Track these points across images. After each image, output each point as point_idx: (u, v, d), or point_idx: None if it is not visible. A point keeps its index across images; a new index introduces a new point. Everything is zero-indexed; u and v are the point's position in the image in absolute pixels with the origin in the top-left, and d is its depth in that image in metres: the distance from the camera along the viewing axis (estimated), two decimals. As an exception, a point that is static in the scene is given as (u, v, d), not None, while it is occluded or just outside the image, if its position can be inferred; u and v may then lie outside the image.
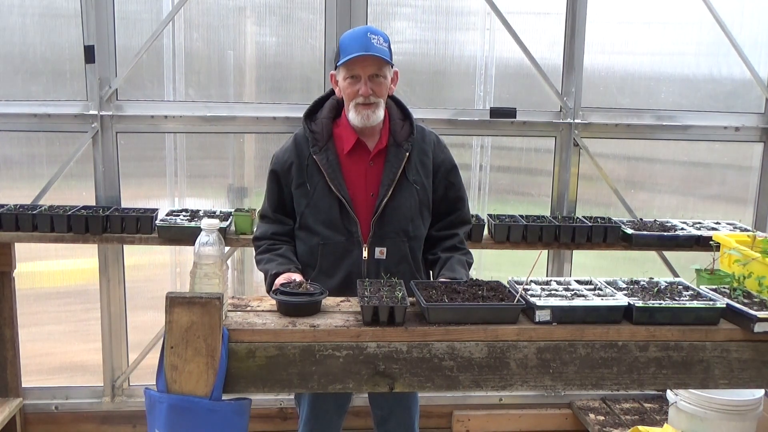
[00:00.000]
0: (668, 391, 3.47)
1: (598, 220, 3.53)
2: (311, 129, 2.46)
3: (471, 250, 2.64)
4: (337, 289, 2.29)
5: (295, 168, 2.45)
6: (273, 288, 2.19)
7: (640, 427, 3.39)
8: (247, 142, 3.69)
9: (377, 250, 2.44)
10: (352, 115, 2.40)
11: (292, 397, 3.62)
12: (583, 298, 2.06)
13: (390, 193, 2.42)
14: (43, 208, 3.31)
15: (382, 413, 2.70)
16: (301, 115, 3.56)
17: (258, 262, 2.51)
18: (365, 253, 2.44)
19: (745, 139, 3.89)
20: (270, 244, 2.49)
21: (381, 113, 2.40)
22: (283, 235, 2.51)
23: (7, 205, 3.34)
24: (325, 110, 2.50)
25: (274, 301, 2.06)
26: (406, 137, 2.46)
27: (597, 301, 2.03)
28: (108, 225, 3.24)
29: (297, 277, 2.31)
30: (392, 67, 2.43)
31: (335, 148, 2.45)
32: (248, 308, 2.06)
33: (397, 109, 2.54)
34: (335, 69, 2.43)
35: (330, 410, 2.64)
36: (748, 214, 4.01)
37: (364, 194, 2.45)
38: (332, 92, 2.54)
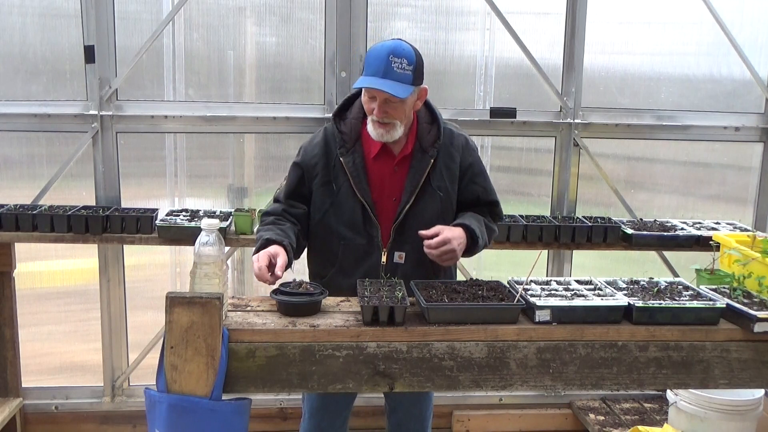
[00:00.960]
0: (668, 391, 3.47)
1: (598, 220, 3.53)
2: (340, 129, 2.43)
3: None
4: (354, 287, 2.22)
5: (321, 166, 2.43)
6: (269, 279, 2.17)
7: (640, 427, 3.39)
8: (247, 142, 3.69)
9: (396, 254, 2.44)
10: (370, 128, 2.38)
11: (292, 397, 3.63)
12: (583, 298, 2.07)
13: (412, 199, 2.40)
14: (43, 208, 3.31)
15: (392, 403, 2.71)
16: (301, 115, 3.60)
17: (257, 233, 2.44)
18: (384, 258, 2.43)
19: (745, 139, 3.89)
20: (277, 218, 2.44)
21: (398, 132, 2.37)
22: (293, 216, 2.47)
23: (7, 205, 3.34)
24: (355, 110, 2.46)
25: (274, 301, 2.06)
26: (432, 143, 2.43)
27: (597, 301, 2.03)
28: (108, 225, 3.24)
29: (281, 256, 2.21)
30: (417, 86, 2.36)
31: (362, 150, 2.42)
32: (248, 308, 2.06)
33: (426, 113, 2.50)
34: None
35: (341, 401, 2.64)
36: (748, 214, 4.01)
37: (387, 199, 2.43)
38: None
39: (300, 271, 2.75)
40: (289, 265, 2.24)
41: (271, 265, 2.18)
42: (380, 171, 2.43)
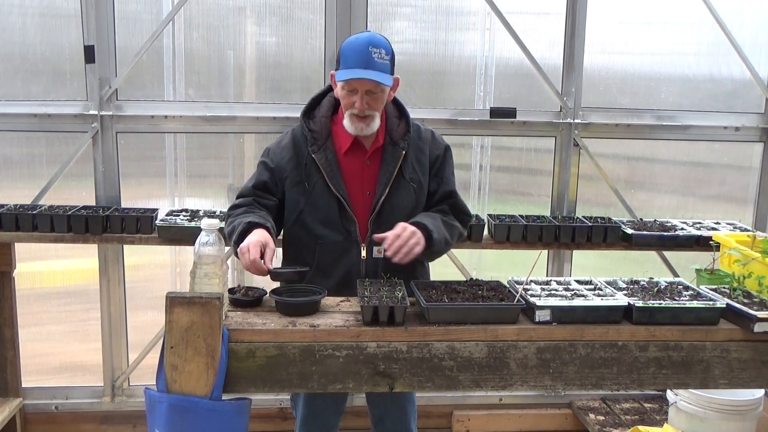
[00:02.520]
0: (668, 391, 3.47)
1: (598, 220, 3.53)
2: (310, 128, 2.45)
3: (471, 250, 2.63)
4: (335, 288, 2.26)
5: (292, 166, 2.44)
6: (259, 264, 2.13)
7: (640, 427, 3.39)
8: (247, 142, 3.69)
9: (375, 249, 2.42)
10: (347, 123, 2.39)
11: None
12: (583, 298, 2.07)
13: (387, 191, 2.41)
14: (43, 208, 3.31)
15: (379, 413, 2.71)
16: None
17: (228, 224, 2.37)
18: (363, 253, 2.43)
19: (745, 139, 3.89)
20: (249, 208, 2.40)
21: (376, 124, 2.39)
22: (263, 207, 2.42)
23: (7, 205, 3.34)
24: (324, 108, 2.48)
25: (273, 302, 2.06)
26: (402, 135, 2.46)
27: (597, 301, 2.03)
28: (108, 225, 3.24)
29: (270, 247, 2.17)
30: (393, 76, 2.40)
31: (334, 147, 2.44)
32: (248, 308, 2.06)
33: (394, 108, 2.53)
34: (334, 71, 2.41)
35: (328, 410, 2.64)
36: (748, 214, 4.01)
37: (360, 193, 2.44)
38: (330, 88, 2.52)
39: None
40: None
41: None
42: (353, 166, 2.44)
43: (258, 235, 2.19)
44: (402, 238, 2.24)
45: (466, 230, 2.63)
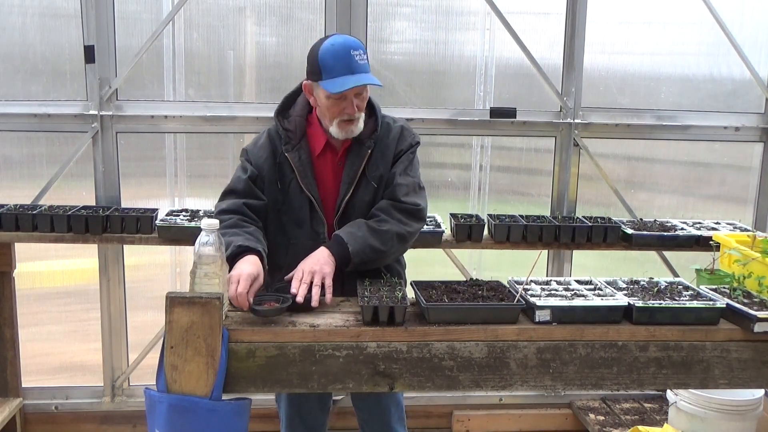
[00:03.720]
0: (668, 391, 3.47)
1: (598, 220, 3.53)
2: (284, 127, 2.41)
3: (471, 250, 2.61)
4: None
5: (268, 165, 2.41)
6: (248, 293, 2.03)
7: (640, 427, 3.39)
8: (247, 142, 3.67)
9: None
10: (335, 130, 2.34)
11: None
12: (583, 298, 2.07)
13: (350, 191, 2.39)
14: (43, 208, 3.31)
15: (363, 415, 2.71)
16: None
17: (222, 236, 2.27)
18: None
19: (745, 139, 3.89)
20: (240, 219, 2.33)
21: (361, 123, 2.36)
22: (253, 211, 2.36)
23: (7, 205, 3.34)
24: (298, 107, 2.44)
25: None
26: (370, 134, 2.42)
27: (597, 301, 2.03)
28: (108, 225, 3.24)
29: (258, 280, 2.08)
30: None
31: (308, 147, 2.40)
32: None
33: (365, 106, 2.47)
34: (311, 82, 2.33)
35: (314, 408, 2.64)
36: (748, 214, 4.01)
37: (332, 195, 2.43)
38: (302, 88, 2.46)
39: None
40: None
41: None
42: (325, 167, 2.42)
43: (250, 267, 2.08)
44: (304, 280, 2.12)
45: (414, 225, 2.39)
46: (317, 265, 2.17)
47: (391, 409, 2.67)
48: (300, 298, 2.05)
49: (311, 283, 2.12)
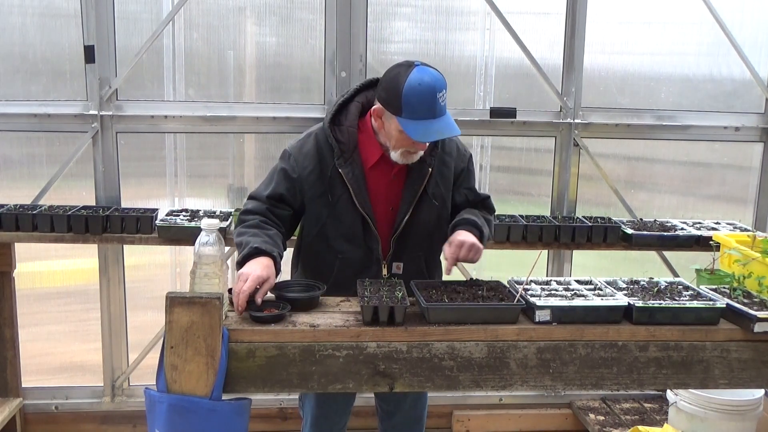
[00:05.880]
0: (668, 391, 3.47)
1: (598, 220, 3.53)
2: (337, 138, 2.30)
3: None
4: None
5: (315, 176, 2.31)
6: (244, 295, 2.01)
7: (640, 427, 3.39)
8: (247, 142, 3.69)
9: (394, 265, 2.39)
10: (397, 156, 2.26)
11: (293, 397, 3.63)
12: (583, 298, 2.07)
13: (411, 210, 2.34)
14: (43, 208, 3.31)
15: (389, 408, 2.68)
16: (301, 115, 3.60)
17: (239, 234, 2.24)
18: (384, 270, 2.38)
19: (745, 139, 3.89)
20: (262, 220, 2.28)
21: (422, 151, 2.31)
22: (277, 217, 2.32)
23: (7, 205, 3.34)
24: (351, 115, 2.33)
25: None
26: (430, 152, 2.35)
27: (597, 301, 2.03)
28: (108, 225, 3.24)
29: (268, 283, 2.06)
30: None
31: (360, 160, 2.31)
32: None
33: None
34: (385, 110, 2.22)
35: (339, 410, 2.63)
36: (748, 214, 4.01)
37: (384, 209, 2.36)
38: (356, 93, 2.38)
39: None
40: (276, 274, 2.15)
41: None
42: (378, 180, 2.34)
43: (261, 269, 2.06)
44: (464, 249, 2.26)
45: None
46: (476, 246, 2.27)
47: (419, 402, 2.66)
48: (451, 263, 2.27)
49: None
